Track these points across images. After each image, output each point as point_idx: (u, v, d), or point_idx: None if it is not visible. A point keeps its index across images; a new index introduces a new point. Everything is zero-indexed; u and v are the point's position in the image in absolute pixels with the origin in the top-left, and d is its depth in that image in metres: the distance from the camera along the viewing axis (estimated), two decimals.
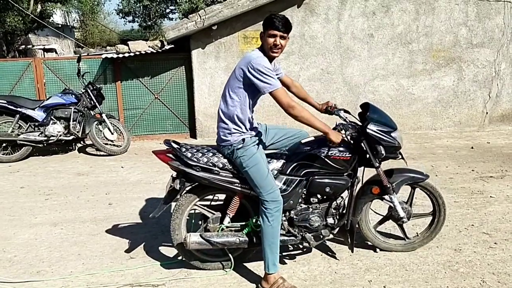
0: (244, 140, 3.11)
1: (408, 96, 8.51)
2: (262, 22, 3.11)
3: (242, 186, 3.18)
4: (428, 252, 3.62)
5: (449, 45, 8.40)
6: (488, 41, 8.42)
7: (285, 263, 3.50)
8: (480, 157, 6.68)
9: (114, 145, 7.52)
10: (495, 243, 3.77)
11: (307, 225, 3.31)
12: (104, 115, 7.45)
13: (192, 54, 8.24)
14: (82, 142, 7.95)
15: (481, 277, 3.25)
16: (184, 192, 3.30)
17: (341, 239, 3.70)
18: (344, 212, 3.41)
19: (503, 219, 4.28)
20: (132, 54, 8.05)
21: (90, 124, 7.24)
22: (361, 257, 3.57)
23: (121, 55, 8.04)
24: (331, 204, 3.37)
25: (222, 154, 3.22)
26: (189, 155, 3.18)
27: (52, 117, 7.23)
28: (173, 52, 8.40)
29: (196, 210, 3.42)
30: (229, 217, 3.30)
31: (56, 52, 21.26)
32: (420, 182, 3.51)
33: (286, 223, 3.30)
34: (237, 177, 3.19)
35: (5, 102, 7.03)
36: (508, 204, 4.67)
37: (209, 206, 3.43)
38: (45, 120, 7.17)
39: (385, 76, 8.44)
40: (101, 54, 8.71)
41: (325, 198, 3.37)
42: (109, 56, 8.13)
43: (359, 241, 3.69)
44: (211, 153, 3.22)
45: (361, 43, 8.35)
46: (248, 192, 3.18)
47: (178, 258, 3.60)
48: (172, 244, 3.40)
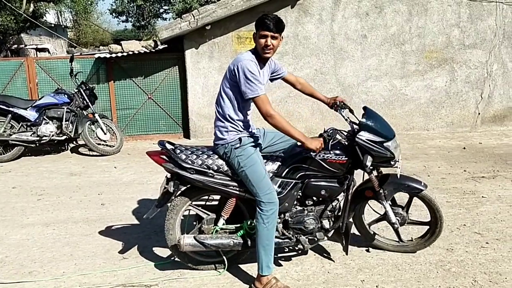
0: (241, 140, 3.10)
1: (401, 97, 8.55)
2: (255, 23, 3.11)
3: (237, 189, 3.16)
4: (420, 252, 3.63)
5: (442, 46, 8.45)
6: (480, 42, 8.48)
7: (280, 264, 3.50)
8: (472, 158, 6.72)
9: (107, 145, 7.49)
10: (487, 243, 3.79)
11: (302, 228, 3.30)
12: (97, 115, 7.42)
13: (186, 54, 8.22)
14: (75, 142, 7.91)
15: (473, 277, 3.27)
16: (179, 194, 3.28)
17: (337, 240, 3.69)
18: (340, 215, 3.38)
19: (495, 219, 4.31)
20: (125, 54, 8.02)
21: (83, 124, 7.21)
22: (354, 257, 3.58)
23: (114, 55, 8.01)
24: (327, 207, 3.35)
25: (218, 156, 3.20)
26: (183, 157, 3.16)
27: (45, 117, 7.19)
28: (167, 52, 8.38)
29: (191, 211, 3.40)
30: (224, 219, 3.28)
31: (49, 52, 21.12)
32: (416, 192, 3.42)
33: (281, 226, 3.29)
34: (232, 180, 3.17)
35: None
36: (500, 204, 4.70)
37: (204, 207, 3.41)
38: (38, 120, 7.13)
39: (378, 77, 8.48)
40: (94, 54, 8.66)
41: (321, 201, 3.36)
42: (102, 56, 8.09)
43: (352, 241, 3.69)
44: (206, 155, 3.20)
45: (355, 44, 8.37)
46: (243, 195, 3.17)
47: (172, 259, 3.59)
48: (166, 245, 3.39)
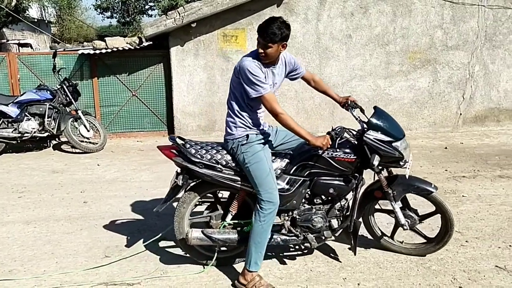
0: (248, 137, 3.14)
1: (385, 97, 8.63)
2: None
3: (244, 184, 3.19)
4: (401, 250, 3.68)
5: (425, 47, 8.55)
6: (463, 44, 8.61)
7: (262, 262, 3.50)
8: (454, 157, 6.83)
9: (90, 143, 7.42)
10: (467, 241, 3.86)
11: (310, 226, 3.31)
12: (80, 112, 7.34)
13: (171, 52, 8.18)
14: (57, 139, 7.80)
15: (452, 275, 3.32)
16: (188, 188, 3.32)
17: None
18: (348, 214, 3.39)
19: (475, 218, 4.38)
20: (110, 51, 7.94)
21: (66, 121, 7.13)
22: (336, 255, 3.61)
23: (98, 51, 7.93)
24: (335, 206, 3.36)
25: (226, 151, 3.24)
26: (193, 152, 3.21)
27: (26, 114, 7.09)
28: (152, 49, 8.32)
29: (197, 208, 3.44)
30: (232, 215, 3.31)
31: (32, 47, 20.78)
32: (426, 194, 3.39)
33: (288, 223, 3.31)
34: (240, 175, 3.20)
35: None
36: (480, 203, 4.78)
37: (213, 203, 3.46)
38: (19, 117, 7.03)
39: (363, 77, 8.55)
40: (78, 50, 8.57)
41: (329, 200, 3.37)
42: (86, 52, 8.01)
43: (336, 239, 3.72)
44: (215, 150, 3.25)
45: (340, 44, 8.43)
46: (250, 191, 3.19)
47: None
48: (149, 242, 3.38)
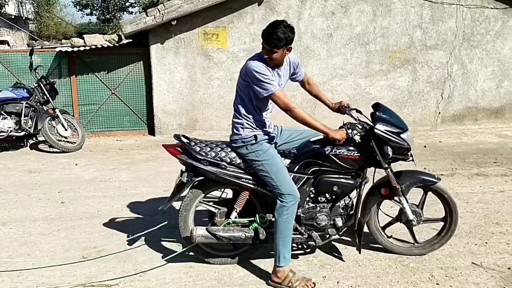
0: (257, 137, 3.16)
1: (365, 96, 8.70)
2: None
3: (249, 181, 3.22)
4: (381, 248, 3.70)
5: (405, 47, 8.65)
6: (442, 44, 8.73)
7: (244, 262, 3.50)
8: (432, 156, 6.92)
9: (68, 142, 7.31)
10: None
11: (314, 224, 3.32)
12: (58, 111, 7.22)
13: (151, 49, 8.09)
14: (34, 138, 7.66)
15: (430, 272, 3.37)
16: (192, 186, 3.32)
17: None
18: (352, 213, 3.41)
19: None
20: (88, 48, 7.83)
21: (43, 120, 7.00)
22: (316, 254, 3.62)
23: (76, 49, 7.80)
24: (339, 204, 3.38)
25: (231, 149, 3.25)
26: (198, 149, 3.23)
27: (2, 112, 6.93)
28: (131, 47, 8.23)
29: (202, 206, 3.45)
30: (236, 212, 3.31)
31: (9, 44, 20.33)
32: (431, 185, 3.46)
33: (294, 221, 3.30)
34: (245, 173, 3.23)
35: None
36: (457, 201, 4.82)
37: (216, 201, 3.46)
38: None
39: (344, 76, 8.60)
40: (56, 48, 8.41)
41: (333, 198, 3.38)
42: (64, 50, 7.87)
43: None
44: (220, 148, 3.26)
45: (321, 43, 8.46)
46: (255, 188, 3.22)
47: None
48: (128, 243, 3.34)
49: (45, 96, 7.22)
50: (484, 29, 8.80)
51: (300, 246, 3.74)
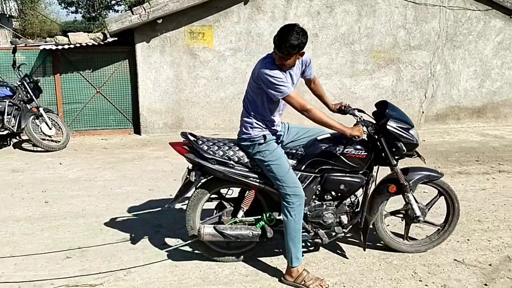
0: (266, 137, 3.16)
1: (351, 95, 8.77)
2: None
3: (256, 180, 3.23)
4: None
5: (389, 47, 8.74)
6: (425, 44, 8.84)
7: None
8: None
9: (52, 141, 7.23)
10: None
11: (321, 222, 3.35)
12: (42, 109, 7.14)
13: (136, 48, 8.05)
14: (18, 137, 7.57)
15: (413, 269, 3.42)
16: (199, 185, 3.32)
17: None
18: (358, 211, 3.44)
19: (435, 213, 4.50)
20: (72, 46, 7.74)
21: (26, 118, 6.91)
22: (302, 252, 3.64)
23: (61, 47, 7.71)
24: (345, 202, 3.41)
25: (239, 148, 3.26)
26: (205, 148, 3.23)
27: None
28: (117, 45, 8.16)
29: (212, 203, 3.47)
30: (243, 211, 3.32)
31: None
32: (435, 180, 3.53)
33: None
34: (252, 171, 3.24)
35: None
36: (439, 199, 4.92)
37: (223, 200, 3.48)
38: None
39: (329, 75, 8.65)
40: (40, 45, 8.30)
41: (339, 196, 3.40)
42: (48, 48, 7.78)
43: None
44: (227, 147, 3.27)
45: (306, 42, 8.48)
46: (262, 187, 3.24)
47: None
48: (112, 243, 3.33)
49: (29, 95, 7.13)
50: (467, 30, 8.94)
51: (304, 244, 3.77)
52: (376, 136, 3.28)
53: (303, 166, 3.29)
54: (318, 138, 3.32)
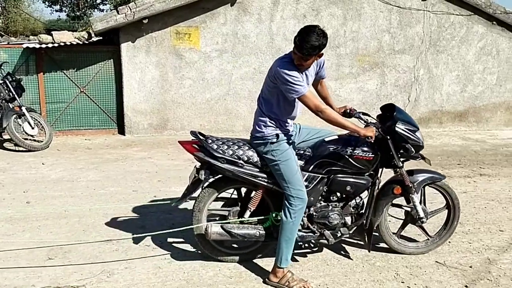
0: (278, 136, 3.17)
1: (336, 98, 8.82)
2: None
3: (265, 180, 3.24)
4: (348, 248, 3.78)
5: (374, 51, 8.83)
6: (409, 48, 8.96)
7: (212, 262, 3.50)
8: None
9: (35, 140, 7.12)
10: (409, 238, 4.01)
11: (326, 223, 3.37)
12: (24, 108, 7.03)
13: (122, 48, 7.99)
14: (0, 137, 7.46)
15: (396, 270, 3.45)
16: (206, 185, 3.32)
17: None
18: (362, 212, 3.47)
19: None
20: (56, 45, 7.66)
21: (8, 118, 6.80)
22: (263, 257, 3.61)
23: (44, 46, 7.62)
24: (350, 204, 3.44)
25: (248, 147, 3.27)
26: (215, 147, 3.23)
27: None
28: (102, 45, 8.09)
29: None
30: (250, 211, 3.33)
31: None
32: (438, 182, 3.60)
33: (306, 219, 3.35)
34: (261, 171, 3.25)
35: None
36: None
37: (229, 201, 3.51)
38: None
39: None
40: (23, 44, 8.19)
41: (344, 197, 3.43)
42: (31, 46, 7.68)
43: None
44: (237, 146, 3.27)
45: (292, 45, 8.50)
46: (271, 187, 3.24)
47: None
48: (95, 243, 3.29)
49: (11, 93, 7.02)
50: (450, 35, 9.08)
51: (307, 245, 3.80)
52: (384, 139, 3.33)
53: (311, 167, 3.32)
54: (326, 140, 3.38)
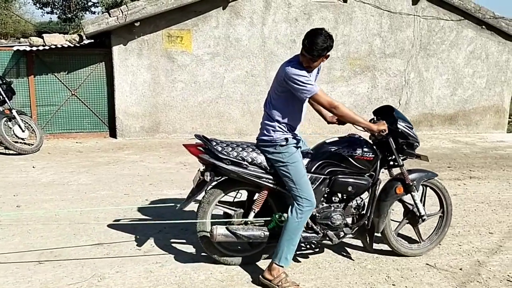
0: (288, 140, 3.22)
1: None
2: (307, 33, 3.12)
3: (269, 181, 3.28)
4: (340, 250, 3.80)
5: (365, 54, 8.89)
6: (399, 52, 9.03)
7: (205, 266, 3.50)
8: None
9: (25, 144, 7.08)
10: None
11: (329, 223, 3.41)
12: (15, 111, 6.99)
13: (113, 50, 7.97)
14: None
15: (387, 273, 3.47)
16: (210, 187, 3.35)
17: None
18: (364, 213, 3.52)
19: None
20: (47, 48, 7.62)
21: None
22: (268, 259, 3.65)
23: (35, 48, 7.58)
24: (352, 204, 3.49)
25: (253, 149, 3.31)
26: (220, 149, 3.26)
27: None
28: (93, 47, 8.07)
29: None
30: (254, 213, 3.35)
31: None
32: (431, 180, 3.73)
33: (309, 220, 3.37)
34: (265, 172, 3.28)
35: None
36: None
37: (232, 203, 3.52)
38: None
39: None
40: (13, 46, 8.14)
41: (345, 198, 3.48)
42: (22, 49, 7.63)
43: None
44: (241, 148, 3.31)
45: (284, 48, 8.57)
46: (275, 188, 3.29)
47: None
48: (87, 247, 3.28)
49: (1, 96, 6.98)
50: (440, 39, 9.17)
51: (309, 246, 3.83)
52: (384, 138, 3.40)
53: (313, 168, 3.37)
54: (327, 141, 3.46)
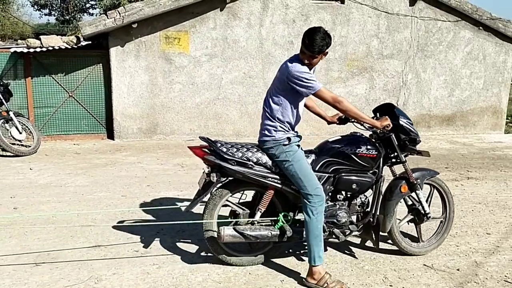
0: (290, 139, 3.26)
1: (324, 103, 8.86)
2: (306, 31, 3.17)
3: (275, 180, 3.30)
4: (337, 251, 3.80)
5: (362, 55, 8.90)
6: (397, 53, 9.05)
7: (202, 267, 3.50)
8: None
9: (22, 145, 7.08)
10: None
11: (335, 221, 3.44)
12: (12, 113, 6.99)
13: (111, 52, 7.97)
14: None
15: (384, 274, 3.47)
16: (216, 188, 3.36)
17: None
18: (368, 210, 3.55)
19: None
20: (45, 49, 7.61)
21: None
22: (275, 258, 3.66)
23: (32, 50, 7.57)
24: (356, 202, 3.52)
25: (257, 149, 3.33)
26: (225, 150, 3.28)
27: None
28: (91, 49, 8.06)
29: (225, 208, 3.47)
30: (260, 212, 3.37)
31: None
32: (433, 178, 3.75)
33: None
34: (271, 172, 3.30)
35: None
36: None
37: (239, 204, 3.51)
38: None
39: None
40: (10, 48, 8.13)
41: (349, 196, 3.53)
42: (19, 50, 7.62)
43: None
44: (245, 148, 3.32)
45: (282, 49, 8.58)
46: (280, 187, 3.30)
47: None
48: (83, 249, 3.27)
49: None
50: (437, 40, 9.19)
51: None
52: (387, 135, 3.45)
53: (317, 167, 3.39)
54: (330, 140, 3.50)
